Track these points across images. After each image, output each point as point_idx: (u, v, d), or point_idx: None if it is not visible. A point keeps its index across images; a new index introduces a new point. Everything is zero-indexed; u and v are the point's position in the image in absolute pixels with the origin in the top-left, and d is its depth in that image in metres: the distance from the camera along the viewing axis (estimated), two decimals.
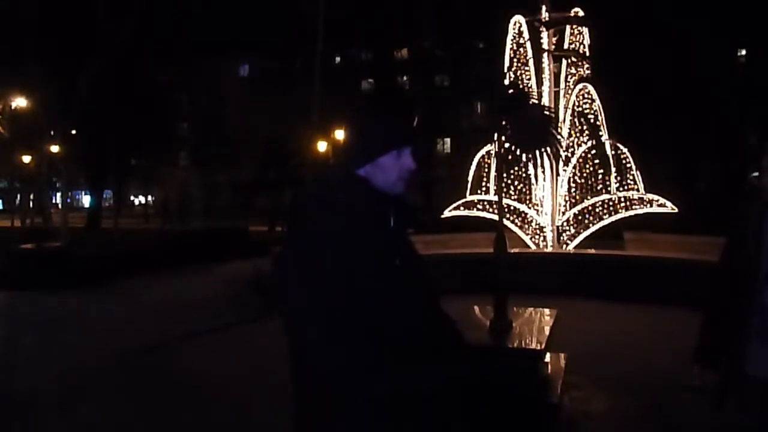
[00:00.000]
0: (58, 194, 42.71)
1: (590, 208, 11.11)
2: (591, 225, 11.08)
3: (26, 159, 30.41)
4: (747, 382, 2.51)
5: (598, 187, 11.18)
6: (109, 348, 7.25)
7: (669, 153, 24.57)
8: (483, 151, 11.63)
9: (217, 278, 12.99)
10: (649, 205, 10.89)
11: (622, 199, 10.99)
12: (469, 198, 11.75)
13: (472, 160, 11.90)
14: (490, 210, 11.13)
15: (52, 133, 24.07)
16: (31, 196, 35.38)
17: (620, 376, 5.70)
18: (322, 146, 27.18)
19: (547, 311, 5.20)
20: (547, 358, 4.69)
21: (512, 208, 11.39)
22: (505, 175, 10.61)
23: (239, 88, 37.66)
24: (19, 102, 25.96)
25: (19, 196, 39.70)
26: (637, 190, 11.13)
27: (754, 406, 2.53)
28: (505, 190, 10.88)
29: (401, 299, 1.66)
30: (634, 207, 10.92)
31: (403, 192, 1.78)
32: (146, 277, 13.07)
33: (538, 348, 4.27)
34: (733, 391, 2.59)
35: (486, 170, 11.67)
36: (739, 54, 29.35)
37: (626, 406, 5.05)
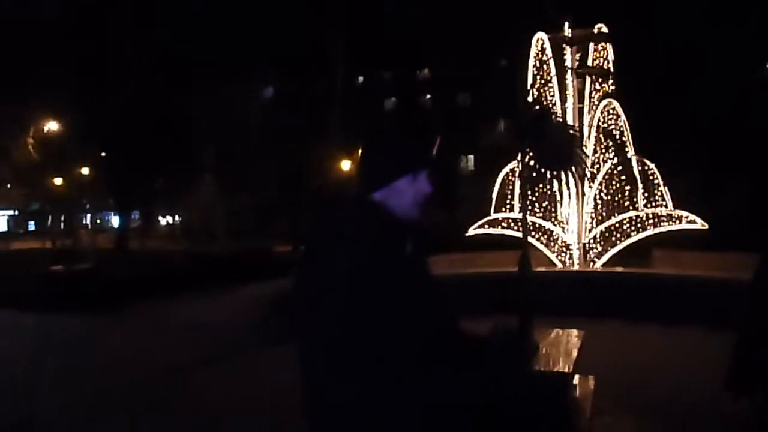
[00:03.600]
0: (89, 216, 43.54)
1: (617, 225, 10.91)
2: (618, 242, 10.87)
3: (57, 182, 31.11)
4: None
5: (625, 204, 11.00)
6: (134, 371, 7.25)
7: (697, 167, 24.15)
8: (507, 169, 11.55)
9: (242, 300, 12.95)
10: (678, 222, 10.66)
11: (650, 216, 10.78)
12: (494, 216, 11.65)
13: (496, 177, 11.82)
14: (515, 228, 11.00)
15: (81, 157, 24.74)
16: (62, 218, 36.11)
17: (649, 400, 5.50)
18: (345, 166, 27.34)
19: (574, 332, 5.08)
20: (576, 380, 4.56)
21: (537, 225, 11.25)
22: (529, 192, 10.50)
23: (262, 110, 38.07)
24: (51, 126, 26.63)
25: (50, 218, 40.56)
26: (665, 206, 10.91)
27: None
28: (530, 207, 10.74)
29: (416, 327, 1.62)
30: (662, 224, 10.70)
31: (419, 217, 1.74)
32: (172, 298, 13.11)
33: (566, 371, 4.16)
34: None
35: (510, 188, 11.57)
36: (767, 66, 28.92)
37: None
